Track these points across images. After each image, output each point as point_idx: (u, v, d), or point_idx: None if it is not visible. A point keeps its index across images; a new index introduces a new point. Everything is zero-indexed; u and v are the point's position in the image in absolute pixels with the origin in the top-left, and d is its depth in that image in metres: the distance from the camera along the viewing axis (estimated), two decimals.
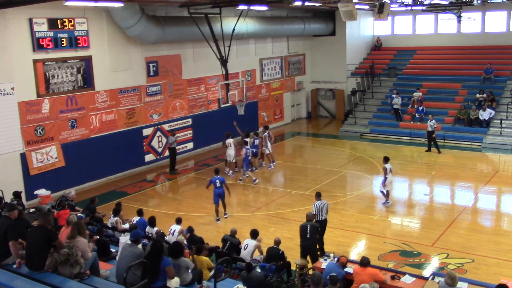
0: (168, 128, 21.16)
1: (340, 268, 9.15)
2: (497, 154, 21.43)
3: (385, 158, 15.48)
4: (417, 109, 24.81)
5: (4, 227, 7.51)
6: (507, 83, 25.15)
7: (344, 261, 9.30)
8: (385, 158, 15.45)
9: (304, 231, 10.85)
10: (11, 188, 13.90)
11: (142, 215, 12.07)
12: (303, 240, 10.91)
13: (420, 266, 11.49)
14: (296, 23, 26.78)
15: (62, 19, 16.55)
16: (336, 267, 9.17)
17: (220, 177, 14.77)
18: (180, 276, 7.85)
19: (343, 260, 9.30)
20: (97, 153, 18.26)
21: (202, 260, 9.15)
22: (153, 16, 18.96)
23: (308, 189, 17.23)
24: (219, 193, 14.63)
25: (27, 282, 7.09)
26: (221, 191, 14.64)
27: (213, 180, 14.62)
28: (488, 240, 12.87)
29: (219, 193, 14.63)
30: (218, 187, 14.57)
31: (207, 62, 22.26)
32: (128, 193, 17.57)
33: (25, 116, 16.03)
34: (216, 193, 14.62)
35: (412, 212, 15.38)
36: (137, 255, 7.43)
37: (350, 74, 29.63)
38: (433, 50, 29.40)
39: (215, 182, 14.57)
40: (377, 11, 16.40)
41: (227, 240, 11.02)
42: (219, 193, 14.63)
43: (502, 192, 17.09)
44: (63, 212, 11.98)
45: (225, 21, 20.47)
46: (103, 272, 8.12)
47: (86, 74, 17.80)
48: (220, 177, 14.74)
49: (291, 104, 29.69)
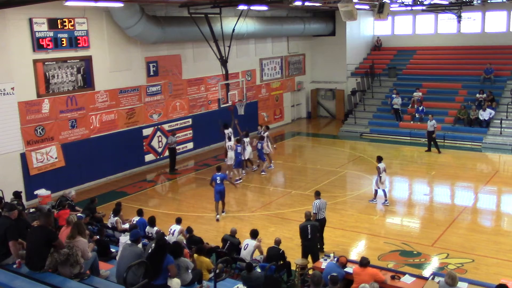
0: (168, 128, 21.18)
1: (340, 268, 9.15)
2: (497, 154, 21.43)
3: (378, 157, 15.69)
4: (417, 109, 24.81)
5: (4, 227, 7.51)
6: (507, 83, 25.15)
7: (344, 261, 9.30)
8: (378, 158, 15.67)
9: (305, 232, 10.85)
10: (11, 188, 13.90)
11: (142, 215, 12.08)
12: (305, 241, 10.91)
13: (420, 266, 11.48)
14: (296, 23, 26.79)
15: (62, 19, 16.55)
16: (336, 267, 9.17)
17: (222, 174, 14.84)
18: (180, 276, 7.85)
19: (342, 260, 9.30)
20: (97, 153, 18.27)
21: (202, 261, 9.14)
22: (153, 16, 18.96)
23: (308, 189, 17.22)
24: (220, 190, 14.64)
25: (27, 282, 7.09)
26: (222, 188, 14.66)
27: (214, 177, 14.69)
28: (488, 240, 12.87)
29: (220, 190, 14.64)
30: (219, 184, 14.60)
31: (207, 62, 22.26)
32: (128, 193, 17.58)
33: (25, 116, 16.03)
34: (217, 190, 14.65)
35: (412, 212, 15.38)
36: (137, 255, 7.43)
37: (350, 74, 29.63)
38: (433, 50, 29.41)
39: (215, 179, 14.63)
40: (377, 11, 16.38)
41: (227, 240, 11.01)
42: (220, 190, 14.64)
43: (502, 192, 17.09)
44: (63, 212, 11.97)
45: (225, 21, 20.48)
46: (103, 272, 8.12)
47: (86, 74, 17.80)
48: (221, 174, 14.81)
49: (291, 104, 29.69)
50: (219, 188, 14.63)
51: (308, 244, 10.92)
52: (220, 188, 14.63)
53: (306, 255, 10.93)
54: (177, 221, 11.71)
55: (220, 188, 14.63)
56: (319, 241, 11.77)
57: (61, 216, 11.72)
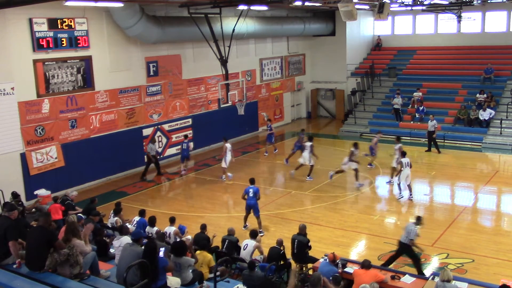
0: (168, 128, 21.20)
1: (331, 265, 9.21)
2: (497, 154, 21.43)
3: (402, 153, 16.37)
4: (417, 109, 24.82)
5: (4, 227, 7.51)
6: (507, 83, 25.16)
7: (331, 257, 9.30)
8: (402, 153, 16.30)
9: (292, 245, 10.63)
10: (11, 188, 13.90)
11: (143, 216, 12.03)
12: (292, 253, 10.72)
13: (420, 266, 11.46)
14: (296, 23, 26.78)
15: (62, 19, 16.54)
16: (327, 264, 9.25)
17: (255, 187, 13.56)
18: (180, 275, 7.86)
19: (330, 257, 9.34)
20: (97, 153, 18.25)
21: (205, 255, 9.15)
22: (153, 16, 18.96)
23: (308, 189, 17.23)
24: (250, 205, 13.47)
25: (27, 282, 7.10)
26: (252, 203, 13.41)
27: (247, 190, 13.58)
28: (488, 240, 12.87)
29: (250, 205, 13.47)
30: (251, 197, 13.42)
31: (207, 62, 22.26)
32: (128, 193, 17.57)
33: (25, 116, 16.02)
34: (247, 204, 13.54)
35: (412, 212, 15.36)
36: (138, 254, 7.40)
37: (350, 74, 29.63)
38: (433, 50, 29.41)
39: (248, 191, 13.52)
40: (377, 11, 16.39)
41: (225, 240, 11.00)
42: (250, 205, 13.47)
43: (502, 192, 17.09)
44: (53, 206, 12.14)
45: (225, 21, 20.47)
46: (103, 272, 8.12)
47: (86, 74, 17.79)
48: (254, 187, 13.55)
49: (291, 104, 29.69)
50: (250, 202, 13.43)
51: (294, 259, 10.65)
52: (251, 202, 13.41)
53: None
54: (171, 221, 11.48)
55: (250, 203, 13.42)
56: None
57: (51, 210, 11.77)
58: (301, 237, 10.61)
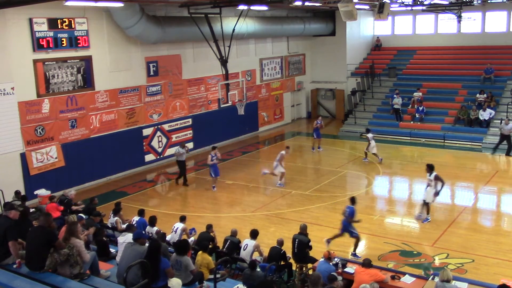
0: (168, 128, 21.20)
1: (327, 264, 9.25)
2: (497, 154, 21.41)
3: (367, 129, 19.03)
4: (417, 109, 24.82)
5: (4, 227, 7.51)
6: (507, 83, 25.15)
7: (326, 255, 9.36)
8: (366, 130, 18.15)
9: (293, 244, 10.66)
10: (11, 188, 13.92)
11: (143, 215, 12.06)
12: (292, 252, 10.72)
13: (420, 266, 11.48)
14: (296, 23, 26.78)
15: (62, 19, 16.55)
16: (324, 263, 9.30)
17: (351, 208, 11.94)
18: (180, 274, 7.86)
19: (325, 254, 9.38)
20: (97, 153, 18.26)
21: (204, 257, 9.17)
22: (153, 16, 18.96)
23: (308, 189, 17.23)
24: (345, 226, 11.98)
25: (27, 282, 7.10)
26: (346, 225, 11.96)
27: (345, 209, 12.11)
28: (488, 240, 12.86)
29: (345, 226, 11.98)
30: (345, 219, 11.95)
31: (207, 62, 22.26)
32: (128, 193, 17.57)
33: (25, 116, 16.02)
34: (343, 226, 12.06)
35: (412, 212, 15.34)
36: (140, 254, 7.39)
37: (350, 74, 29.63)
38: (433, 50, 29.40)
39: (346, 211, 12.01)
40: (377, 11, 16.38)
41: (227, 240, 11.00)
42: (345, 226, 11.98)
43: (502, 192, 17.09)
44: (50, 206, 12.21)
45: (225, 21, 20.47)
46: (103, 272, 8.12)
47: (86, 74, 17.80)
48: (351, 208, 11.95)
49: (291, 104, 29.69)
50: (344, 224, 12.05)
51: (294, 258, 10.64)
52: (344, 224, 12.00)
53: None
54: (181, 219, 11.76)
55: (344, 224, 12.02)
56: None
57: (48, 210, 11.83)
58: (302, 236, 10.63)
